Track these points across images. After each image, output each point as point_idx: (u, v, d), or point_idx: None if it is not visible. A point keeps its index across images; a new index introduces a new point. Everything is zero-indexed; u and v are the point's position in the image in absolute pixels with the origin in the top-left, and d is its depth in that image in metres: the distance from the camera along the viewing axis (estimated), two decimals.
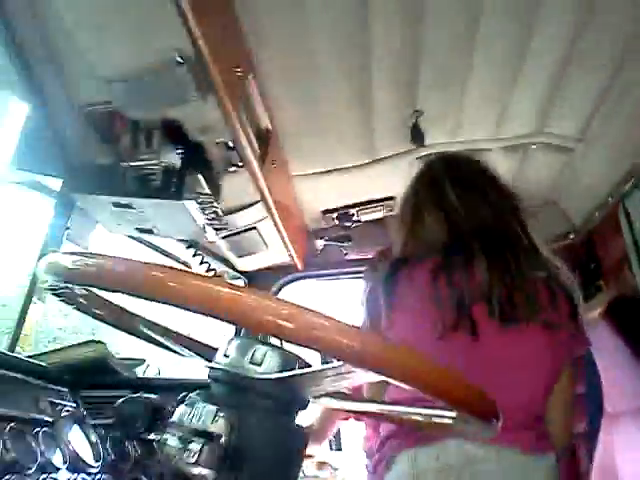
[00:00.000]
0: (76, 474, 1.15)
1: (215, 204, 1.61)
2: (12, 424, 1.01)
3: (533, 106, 1.84)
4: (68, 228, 1.63)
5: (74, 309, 0.86)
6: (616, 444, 1.79)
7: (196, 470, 0.69)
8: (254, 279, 2.46)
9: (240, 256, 2.20)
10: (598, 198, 2.14)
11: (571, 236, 2.36)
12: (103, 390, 1.40)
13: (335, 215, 2.33)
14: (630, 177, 1.92)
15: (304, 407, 0.82)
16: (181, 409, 0.73)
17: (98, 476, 1.21)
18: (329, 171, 2.06)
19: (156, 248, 2.15)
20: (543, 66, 1.65)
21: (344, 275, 2.56)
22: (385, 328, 1.33)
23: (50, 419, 1.15)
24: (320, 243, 2.41)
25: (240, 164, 1.65)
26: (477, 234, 1.36)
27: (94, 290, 0.83)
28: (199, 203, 1.52)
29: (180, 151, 1.51)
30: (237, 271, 2.41)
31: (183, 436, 0.70)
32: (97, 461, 1.22)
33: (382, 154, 2.03)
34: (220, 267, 2.32)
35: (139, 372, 1.69)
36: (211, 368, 0.81)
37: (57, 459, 1.12)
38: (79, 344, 1.44)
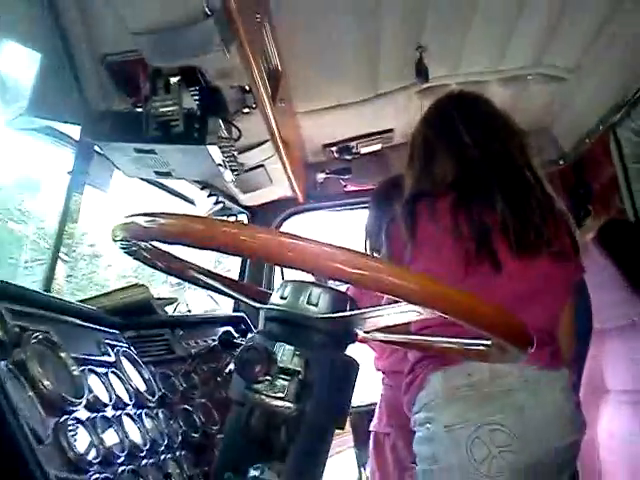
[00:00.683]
0: (141, 409, 1.24)
1: (232, 146, 1.66)
2: (89, 366, 1.11)
3: (532, 40, 1.89)
4: (88, 173, 1.67)
5: (142, 263, 0.94)
6: (604, 358, 1.97)
7: (281, 403, 0.78)
8: (257, 213, 2.54)
9: (245, 192, 2.27)
10: (589, 126, 2.23)
11: (561, 162, 2.47)
12: (146, 329, 1.49)
13: (335, 148, 2.39)
14: (621, 107, 2.01)
15: (354, 341, 0.92)
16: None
17: (155, 410, 1.30)
18: (332, 107, 2.11)
19: (166, 188, 2.20)
20: (544, 3, 1.70)
21: (344, 207, 2.65)
22: (409, 262, 1.40)
23: (113, 360, 1.25)
24: (320, 176, 2.48)
25: (254, 105, 1.69)
26: (491, 170, 1.42)
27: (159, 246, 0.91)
28: (220, 147, 1.57)
29: (199, 97, 1.55)
30: (241, 206, 2.48)
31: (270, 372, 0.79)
32: (153, 396, 1.33)
33: (383, 89, 2.08)
34: (227, 203, 2.38)
35: (170, 310, 1.78)
36: (270, 309, 0.89)
37: (126, 396, 1.22)
38: (123, 288, 1.51)
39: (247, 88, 1.62)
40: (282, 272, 2.66)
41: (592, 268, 1.96)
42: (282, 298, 0.88)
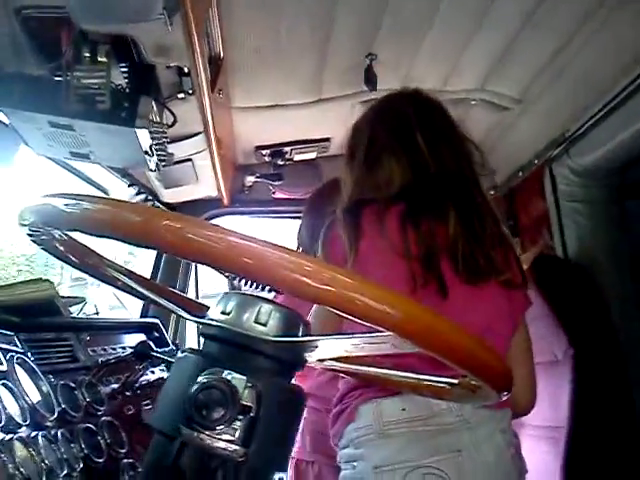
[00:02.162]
0: (36, 431, 1.03)
1: (165, 133, 1.49)
2: None
3: (481, 64, 1.86)
4: None
5: (52, 255, 0.77)
6: None
7: (227, 446, 0.61)
8: (177, 211, 2.35)
9: (167, 187, 2.09)
10: (525, 159, 2.24)
11: (492, 192, 2.46)
12: (47, 332, 1.28)
13: (268, 152, 2.26)
14: (560, 143, 2.01)
15: (302, 368, 0.80)
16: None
17: (53, 430, 1.09)
18: (271, 106, 1.98)
19: (75, 171, 1.97)
20: (498, 30, 1.67)
21: (270, 214, 2.51)
22: None
23: (5, 369, 1.03)
24: (249, 179, 2.34)
25: (190, 91, 1.54)
26: (445, 183, 1.29)
27: (75, 238, 0.74)
28: (150, 132, 1.40)
29: (130, 72, 1.37)
30: (160, 202, 2.29)
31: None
32: (52, 413, 1.12)
33: (327, 94, 1.98)
34: (146, 196, 2.19)
35: (75, 310, 1.57)
36: (208, 325, 0.75)
37: (18, 415, 1.01)
38: (24, 282, 1.29)
39: (186, 70, 1.46)
40: (196, 274, 2.49)
41: None
42: (224, 313, 0.73)
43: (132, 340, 1.57)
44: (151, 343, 1.02)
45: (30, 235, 0.71)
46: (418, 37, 1.72)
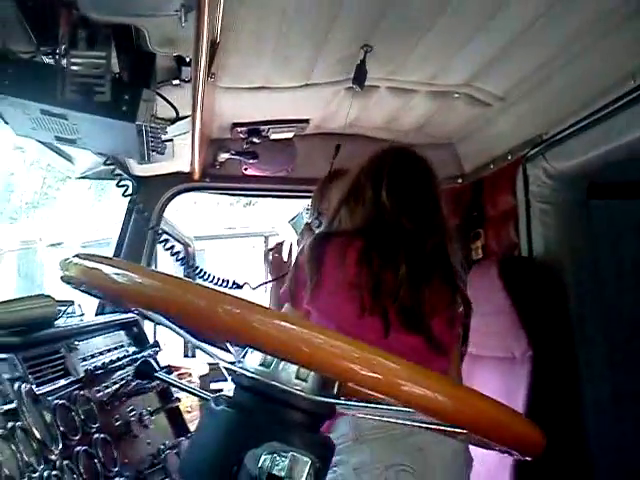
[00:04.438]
0: (47, 471, 0.97)
1: (165, 126, 1.41)
2: None
3: (471, 62, 1.86)
4: None
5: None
6: (474, 384, 2.04)
7: None
8: (145, 184, 2.26)
9: (141, 162, 1.99)
10: (497, 153, 2.29)
11: (460, 180, 2.51)
12: (40, 346, 1.20)
13: (245, 129, 2.19)
14: (537, 144, 2.07)
15: (332, 417, 0.81)
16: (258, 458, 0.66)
17: (59, 462, 1.04)
18: (257, 88, 1.91)
19: (51, 147, 1.85)
20: (496, 35, 1.67)
21: (241, 191, 2.46)
22: (307, 301, 1.46)
23: (14, 406, 0.96)
24: (223, 156, 2.27)
25: (187, 79, 1.46)
26: (400, 237, 1.48)
27: None
28: (150, 126, 1.32)
29: (130, 62, 1.29)
30: (128, 173, 2.19)
31: None
32: (57, 444, 1.07)
33: (315, 80, 1.92)
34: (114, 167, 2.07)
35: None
36: (243, 375, 0.74)
37: (33, 458, 0.95)
38: (23, 298, 1.19)
39: (187, 60, 1.39)
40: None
41: (488, 296, 2.03)
42: (263, 365, 0.73)
43: (112, 340, 1.54)
44: (153, 362, 0.99)
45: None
46: (417, 34, 1.69)
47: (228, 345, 0.79)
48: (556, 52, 1.71)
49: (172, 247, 2.10)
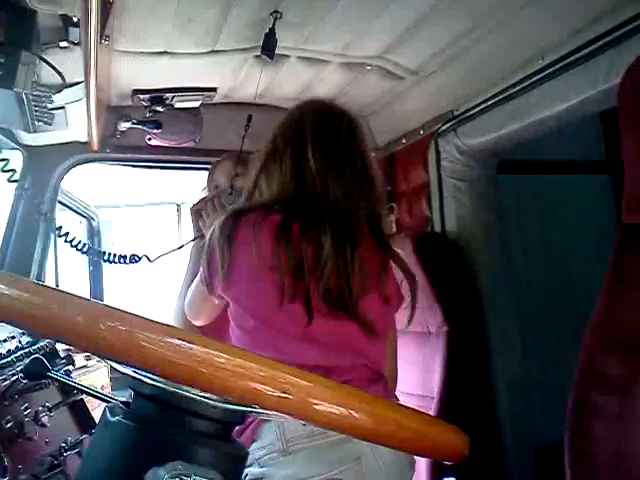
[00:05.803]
0: None
1: (49, 94, 1.26)
2: None
3: (385, 35, 1.81)
4: None
5: None
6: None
7: None
8: (36, 154, 2.07)
9: (29, 132, 1.81)
10: (410, 127, 2.26)
11: (372, 154, 2.47)
12: None
13: (147, 97, 2.04)
14: (449, 120, 2.06)
15: (243, 422, 0.76)
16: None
17: None
18: (158, 52, 1.77)
19: None
20: (409, 6, 1.63)
21: (144, 162, 2.31)
22: (223, 288, 1.30)
23: None
24: (124, 125, 2.11)
25: (76, 41, 1.32)
26: (326, 205, 1.31)
27: None
28: (32, 93, 1.18)
29: (6, 20, 1.13)
30: (17, 142, 1.99)
31: None
32: None
33: (222, 47, 1.81)
34: None
35: None
36: (141, 382, 0.66)
37: None
38: None
39: (75, 20, 1.24)
40: (56, 258, 2.25)
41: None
42: None
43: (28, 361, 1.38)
44: (44, 360, 0.88)
45: None
46: (329, 2, 1.61)
47: None
48: (469, 28, 1.69)
49: (73, 239, 1.90)
